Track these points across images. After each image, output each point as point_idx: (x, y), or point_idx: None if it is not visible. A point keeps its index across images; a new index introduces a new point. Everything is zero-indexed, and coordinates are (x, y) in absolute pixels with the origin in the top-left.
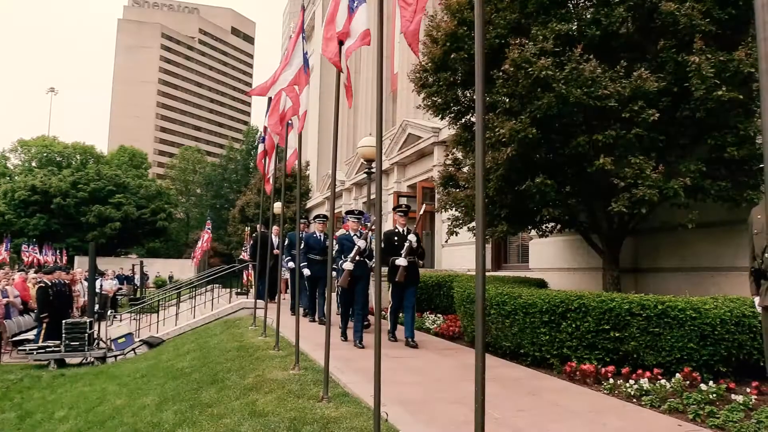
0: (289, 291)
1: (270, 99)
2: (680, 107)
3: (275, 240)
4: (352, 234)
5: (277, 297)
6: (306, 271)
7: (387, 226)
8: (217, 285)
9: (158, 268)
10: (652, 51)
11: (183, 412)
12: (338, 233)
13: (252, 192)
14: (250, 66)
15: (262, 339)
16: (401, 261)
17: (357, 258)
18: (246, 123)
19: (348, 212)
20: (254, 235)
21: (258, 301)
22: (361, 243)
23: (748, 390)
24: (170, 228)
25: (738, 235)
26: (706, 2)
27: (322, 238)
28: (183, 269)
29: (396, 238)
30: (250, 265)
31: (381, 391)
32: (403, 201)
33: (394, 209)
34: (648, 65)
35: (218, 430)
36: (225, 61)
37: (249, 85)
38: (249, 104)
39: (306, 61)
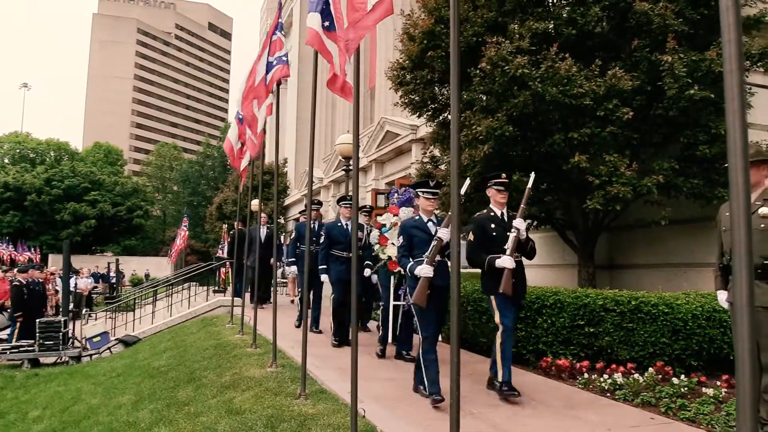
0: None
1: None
2: (654, 106)
3: (261, 231)
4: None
5: (267, 297)
6: (324, 277)
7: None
8: (194, 283)
9: (134, 266)
10: (626, 50)
11: (159, 410)
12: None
13: (229, 189)
14: (227, 62)
15: (239, 337)
16: (506, 261)
17: (437, 259)
18: (223, 119)
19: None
20: (232, 232)
21: (235, 298)
22: (443, 233)
23: (719, 383)
24: (146, 225)
25: (710, 232)
26: (678, 2)
27: (349, 228)
28: (160, 267)
29: (493, 225)
30: (227, 263)
31: (358, 387)
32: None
33: (492, 181)
34: (622, 64)
35: (195, 428)
36: (202, 57)
37: (226, 81)
38: (226, 101)
39: (269, 68)
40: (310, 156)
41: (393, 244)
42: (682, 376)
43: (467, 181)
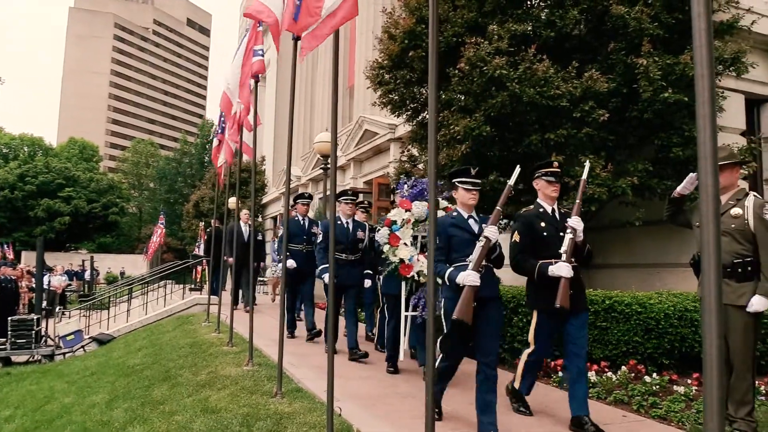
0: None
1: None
2: (629, 108)
3: (245, 229)
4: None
5: (245, 298)
6: (327, 277)
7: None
8: (171, 281)
9: (109, 263)
10: (603, 53)
11: (134, 409)
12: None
13: (207, 187)
14: (206, 58)
15: (215, 335)
16: (562, 268)
17: (484, 264)
18: (201, 116)
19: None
20: (209, 230)
21: (212, 297)
22: (491, 232)
23: (690, 381)
24: (122, 223)
25: (682, 233)
26: (654, 7)
27: (350, 227)
28: (135, 265)
29: (543, 223)
30: (204, 261)
31: (335, 386)
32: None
33: (540, 170)
34: (599, 66)
35: (170, 427)
36: (180, 53)
37: (204, 77)
38: (204, 97)
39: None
40: (288, 154)
41: (406, 244)
42: (654, 375)
43: (517, 170)
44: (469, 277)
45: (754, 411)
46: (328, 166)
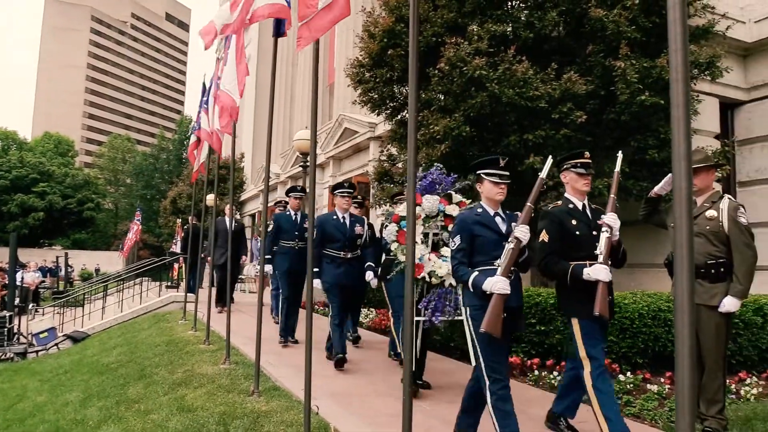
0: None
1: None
2: (606, 110)
3: (228, 224)
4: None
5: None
6: (317, 282)
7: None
8: (147, 278)
9: (84, 260)
10: (581, 55)
11: (108, 408)
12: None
13: (184, 183)
14: (185, 54)
15: (192, 333)
16: (599, 271)
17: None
18: (179, 112)
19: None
20: (186, 227)
21: (188, 294)
22: (522, 232)
23: (663, 380)
24: (98, 219)
25: (656, 233)
26: (632, 10)
27: (347, 222)
28: (111, 261)
29: (574, 221)
30: (181, 258)
31: (312, 384)
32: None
33: (569, 162)
34: (577, 68)
35: (145, 426)
36: (158, 47)
37: (183, 73)
38: (182, 93)
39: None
40: (267, 151)
41: (415, 242)
42: (629, 373)
43: (550, 160)
44: (498, 284)
45: (724, 409)
46: (308, 163)
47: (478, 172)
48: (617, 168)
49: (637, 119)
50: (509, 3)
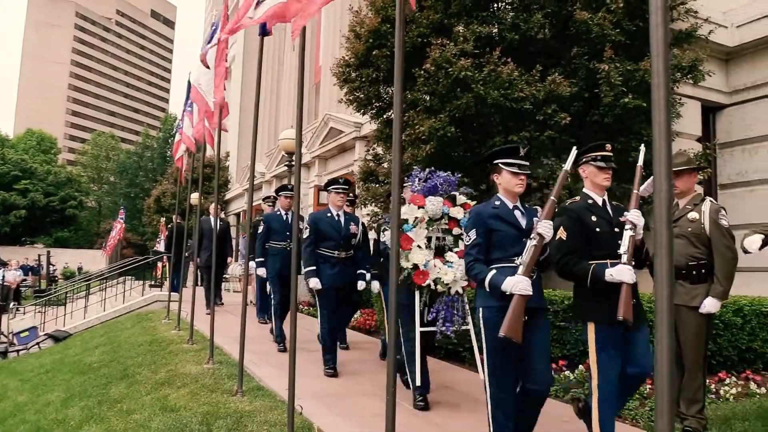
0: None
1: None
2: (590, 112)
3: (214, 223)
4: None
5: (210, 297)
6: (314, 282)
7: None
8: (130, 277)
9: (67, 258)
10: (566, 57)
11: (90, 408)
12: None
13: (168, 181)
14: (170, 51)
15: (175, 333)
16: (624, 272)
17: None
18: (164, 110)
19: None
20: (170, 226)
21: (172, 293)
22: (545, 229)
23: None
24: (80, 217)
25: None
26: (616, 14)
27: (342, 220)
28: (94, 260)
29: (594, 217)
30: (165, 257)
31: (296, 384)
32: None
33: (588, 155)
34: (562, 70)
35: (127, 426)
36: (143, 45)
37: (168, 70)
38: (167, 91)
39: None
40: (252, 150)
41: (420, 247)
42: None
43: (574, 152)
44: (520, 284)
45: (704, 409)
46: (293, 163)
47: (496, 161)
48: (640, 162)
49: (621, 121)
50: (495, 5)
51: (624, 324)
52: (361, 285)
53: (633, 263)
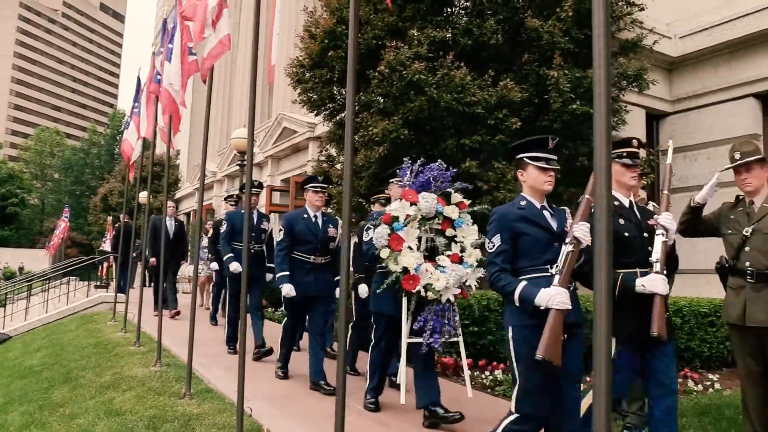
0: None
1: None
2: (540, 117)
3: (169, 224)
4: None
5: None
6: (287, 288)
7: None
8: (75, 277)
9: (7, 257)
10: (517, 63)
11: (31, 413)
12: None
13: (116, 179)
14: (119, 45)
15: (121, 335)
16: (657, 282)
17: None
18: (112, 106)
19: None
20: (117, 225)
21: (119, 294)
22: (582, 232)
23: (589, 378)
24: (22, 215)
25: None
26: (566, 22)
27: (319, 222)
28: (36, 260)
29: (622, 220)
30: (111, 257)
31: (246, 386)
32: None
33: (614, 151)
34: (513, 76)
35: (70, 430)
36: (91, 38)
37: (117, 65)
38: (116, 86)
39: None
40: (203, 149)
41: (410, 248)
42: None
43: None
44: (557, 297)
45: (644, 406)
46: (245, 162)
47: (520, 155)
48: (669, 159)
49: (569, 127)
50: (449, 9)
51: (656, 339)
52: (363, 289)
53: (665, 272)
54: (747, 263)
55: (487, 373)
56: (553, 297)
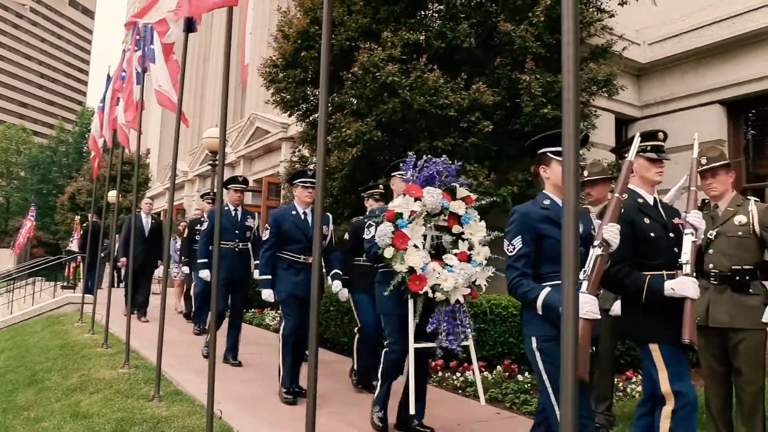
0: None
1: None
2: (512, 121)
3: (145, 221)
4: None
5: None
6: (267, 294)
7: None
8: (40, 278)
9: None
10: (490, 67)
11: None
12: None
13: (84, 178)
14: (89, 42)
15: (89, 336)
16: (688, 286)
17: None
18: (81, 103)
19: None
20: (85, 224)
21: (86, 295)
22: (612, 234)
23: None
24: None
25: None
26: (538, 27)
27: (309, 220)
28: (0, 259)
29: (647, 219)
30: (79, 257)
31: (217, 388)
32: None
33: (641, 146)
34: (486, 80)
35: None
36: (60, 34)
37: (86, 62)
38: (85, 83)
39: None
40: (174, 148)
41: (416, 246)
42: (526, 374)
43: (637, 140)
44: (586, 306)
45: (612, 406)
46: (217, 162)
47: (543, 150)
48: (695, 154)
49: (540, 131)
50: (423, 12)
51: (689, 347)
52: (337, 286)
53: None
54: (710, 265)
55: (458, 374)
56: (582, 306)
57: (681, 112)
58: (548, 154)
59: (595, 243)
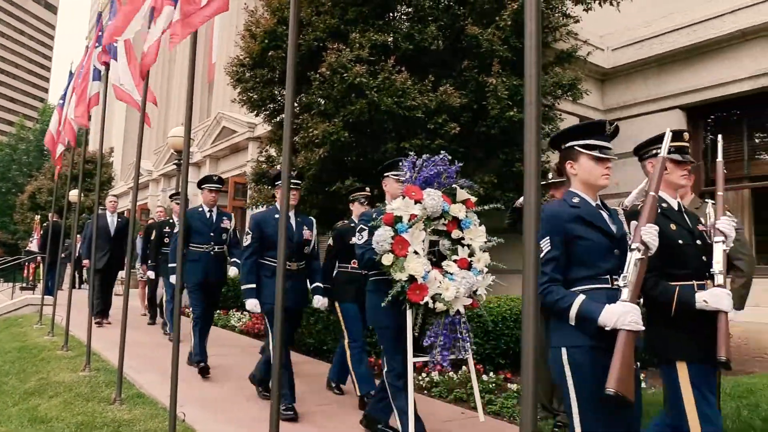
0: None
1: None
2: (478, 123)
3: (110, 220)
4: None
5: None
6: (252, 304)
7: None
8: None
9: None
10: (457, 69)
11: None
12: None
13: (45, 177)
14: (51, 38)
15: (48, 338)
16: (722, 297)
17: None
18: (42, 100)
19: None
20: (45, 224)
21: (46, 297)
22: (650, 236)
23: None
24: None
25: (519, 241)
26: (505, 31)
27: (294, 224)
28: None
29: (674, 225)
30: (38, 258)
31: (179, 390)
32: None
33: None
34: (453, 82)
35: None
36: (21, 29)
37: (48, 58)
38: (47, 79)
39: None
40: (138, 147)
41: (416, 253)
42: (491, 374)
43: (668, 135)
44: (628, 315)
45: None
46: (182, 161)
47: (570, 143)
48: (719, 157)
49: (506, 133)
50: (391, 14)
51: (725, 365)
52: (318, 301)
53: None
54: None
55: (424, 374)
56: (623, 315)
57: (643, 116)
58: (576, 148)
59: (633, 246)
